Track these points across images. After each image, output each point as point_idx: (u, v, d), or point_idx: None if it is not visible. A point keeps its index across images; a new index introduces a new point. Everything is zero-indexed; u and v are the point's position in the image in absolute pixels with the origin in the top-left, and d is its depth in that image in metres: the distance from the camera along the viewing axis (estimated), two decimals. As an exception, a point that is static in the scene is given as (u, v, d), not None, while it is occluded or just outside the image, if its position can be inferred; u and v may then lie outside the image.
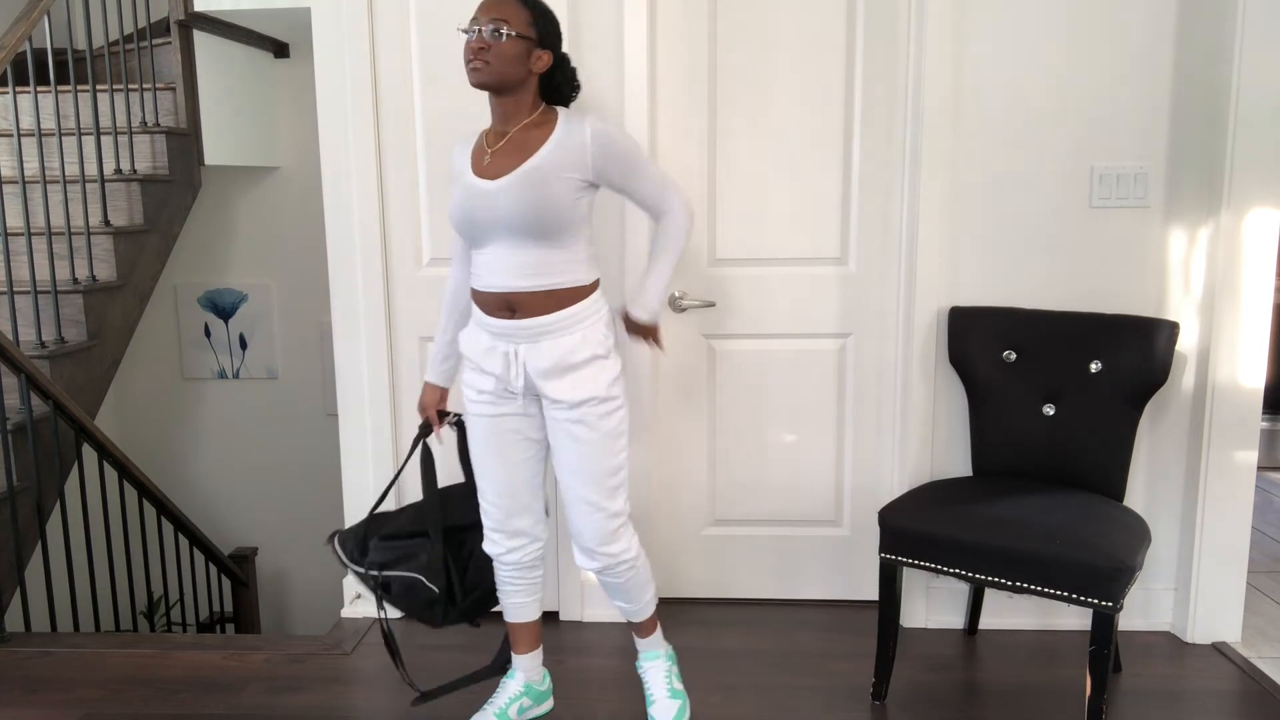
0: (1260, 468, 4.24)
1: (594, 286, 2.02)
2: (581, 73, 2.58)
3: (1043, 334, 2.45)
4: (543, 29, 1.93)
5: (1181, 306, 2.57)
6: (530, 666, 2.26)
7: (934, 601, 2.73)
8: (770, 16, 2.61)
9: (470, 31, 1.90)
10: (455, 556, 2.20)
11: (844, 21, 2.61)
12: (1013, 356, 2.47)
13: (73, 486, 3.50)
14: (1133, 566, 2.00)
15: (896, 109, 2.63)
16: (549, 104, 2.01)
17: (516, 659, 2.25)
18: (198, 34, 3.53)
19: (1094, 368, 2.37)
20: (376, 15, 2.59)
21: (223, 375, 4.30)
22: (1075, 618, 2.68)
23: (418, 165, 2.66)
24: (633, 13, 2.53)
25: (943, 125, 2.53)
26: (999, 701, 2.34)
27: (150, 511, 3.68)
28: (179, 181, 3.59)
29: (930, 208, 2.57)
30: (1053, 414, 2.41)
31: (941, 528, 2.17)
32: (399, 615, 2.28)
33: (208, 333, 4.27)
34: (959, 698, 2.36)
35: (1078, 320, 2.42)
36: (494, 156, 1.95)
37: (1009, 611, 2.72)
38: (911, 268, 2.62)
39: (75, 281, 3.16)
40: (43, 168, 3.04)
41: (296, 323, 4.25)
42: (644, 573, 2.14)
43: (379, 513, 2.27)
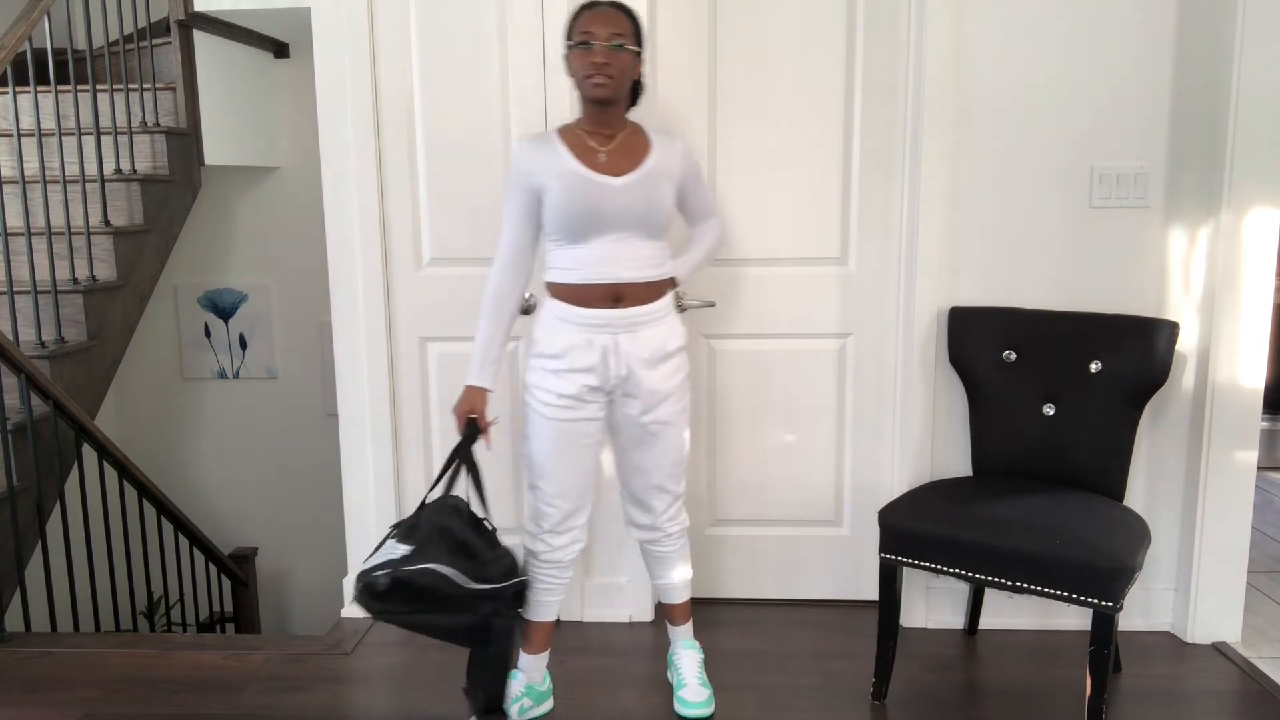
0: (1260, 468, 4.24)
1: (671, 282, 2.20)
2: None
3: (1043, 334, 2.45)
4: (642, 37, 2.08)
5: (1181, 306, 2.57)
6: (537, 667, 2.28)
7: (934, 601, 2.73)
8: (770, 16, 2.61)
9: (583, 45, 2.00)
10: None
11: (844, 22, 2.61)
12: (1013, 356, 2.47)
13: (73, 486, 3.50)
14: (1133, 566, 2.00)
15: (896, 109, 2.63)
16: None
17: (527, 659, 2.27)
18: (198, 34, 3.53)
19: (1094, 368, 2.37)
20: (376, 15, 2.59)
21: (223, 375, 4.30)
22: (1075, 618, 2.68)
23: (418, 165, 2.66)
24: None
25: (943, 125, 2.53)
26: (999, 701, 2.34)
27: (150, 511, 3.68)
28: (179, 181, 3.59)
29: (930, 208, 2.57)
30: (1053, 414, 2.41)
31: (941, 528, 2.17)
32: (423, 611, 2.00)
33: (208, 333, 4.27)
34: (959, 698, 2.36)
35: (1078, 320, 2.42)
36: (610, 156, 2.07)
37: (1009, 611, 2.72)
38: (911, 268, 2.62)
39: (75, 281, 3.16)
40: (43, 168, 3.04)
41: (296, 323, 4.25)
42: (688, 548, 2.34)
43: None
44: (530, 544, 2.20)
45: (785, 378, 2.78)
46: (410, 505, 2.80)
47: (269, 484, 4.36)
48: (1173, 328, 2.31)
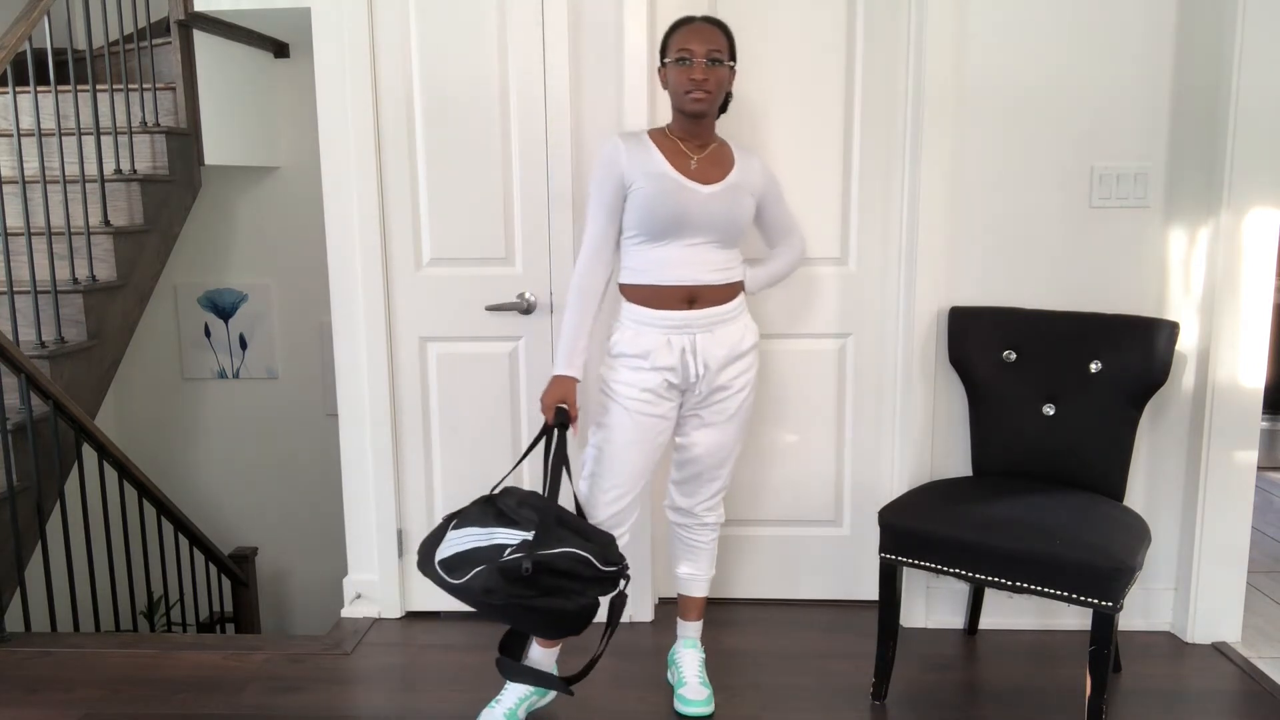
0: (1260, 468, 4.24)
1: (742, 285, 2.26)
2: (580, 67, 2.59)
3: (1043, 334, 2.45)
4: (735, 51, 2.14)
5: (1181, 306, 2.57)
6: (548, 663, 2.29)
7: (934, 601, 2.73)
8: (770, 15, 2.61)
9: (681, 61, 2.06)
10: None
11: (844, 21, 2.61)
12: (1013, 356, 2.47)
13: (73, 486, 3.50)
14: (1133, 566, 2.00)
15: (897, 109, 2.63)
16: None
17: (541, 653, 2.26)
18: (198, 34, 3.53)
19: (1094, 368, 2.37)
20: (376, 15, 2.59)
21: (223, 375, 4.30)
22: (1075, 618, 2.68)
23: (418, 165, 2.66)
24: (633, 12, 2.53)
25: (943, 125, 2.53)
26: (999, 701, 2.34)
27: (150, 511, 3.68)
28: (179, 181, 3.59)
29: (930, 208, 2.57)
30: (1053, 414, 2.41)
31: (941, 528, 2.17)
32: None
33: (208, 333, 4.27)
34: (959, 698, 2.36)
35: (1078, 320, 2.42)
36: (700, 164, 2.14)
37: (1009, 611, 2.72)
38: (911, 268, 2.62)
39: (75, 281, 3.16)
40: (43, 168, 3.04)
41: (296, 323, 4.25)
42: (717, 546, 2.41)
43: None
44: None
45: (785, 378, 2.78)
46: (410, 504, 2.81)
47: (269, 484, 4.36)
48: (1173, 328, 2.31)
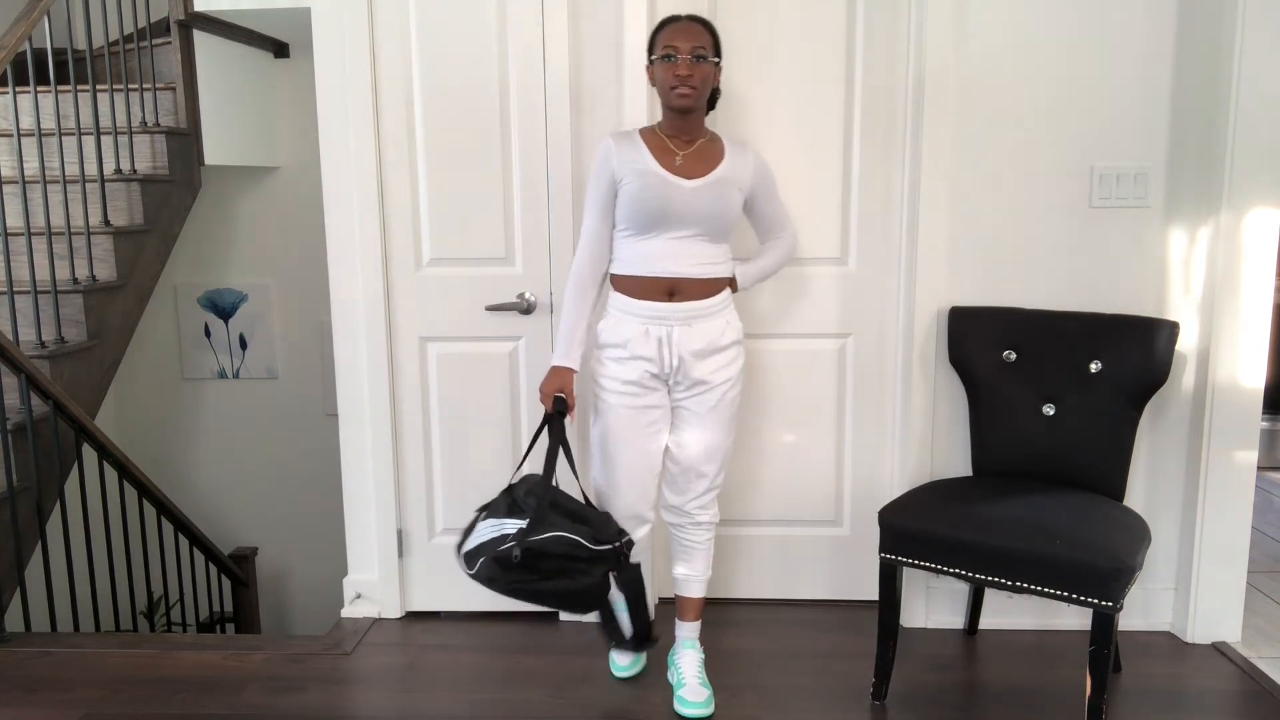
0: (1260, 468, 4.24)
1: (730, 281, 2.28)
2: (580, 67, 2.59)
3: (1043, 334, 2.45)
4: (720, 48, 2.20)
5: (1181, 306, 2.57)
6: None
7: (934, 601, 2.73)
8: (770, 15, 2.61)
9: (667, 58, 2.12)
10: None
11: (844, 21, 2.61)
12: (1013, 356, 2.47)
13: (73, 486, 3.49)
14: (1133, 566, 2.00)
15: (896, 109, 2.63)
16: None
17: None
18: (198, 34, 3.53)
19: (1094, 368, 2.37)
20: (376, 15, 2.59)
21: (223, 375, 4.30)
22: (1075, 618, 2.68)
23: (418, 165, 2.66)
24: (633, 12, 2.53)
25: (943, 125, 2.53)
26: (999, 701, 2.34)
27: (150, 511, 3.68)
28: (179, 181, 3.59)
29: (930, 208, 2.57)
30: (1053, 414, 2.41)
31: (941, 528, 2.17)
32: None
33: (208, 333, 4.27)
34: (959, 698, 2.36)
35: (1078, 320, 2.42)
36: (685, 160, 2.19)
37: (1009, 611, 2.72)
38: (911, 268, 2.62)
39: (75, 281, 3.16)
40: (43, 168, 3.04)
41: (296, 323, 4.25)
42: (713, 546, 2.41)
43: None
44: None
45: (785, 378, 2.78)
46: (410, 504, 2.81)
47: (269, 484, 4.36)
48: (1173, 328, 2.31)
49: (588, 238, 2.26)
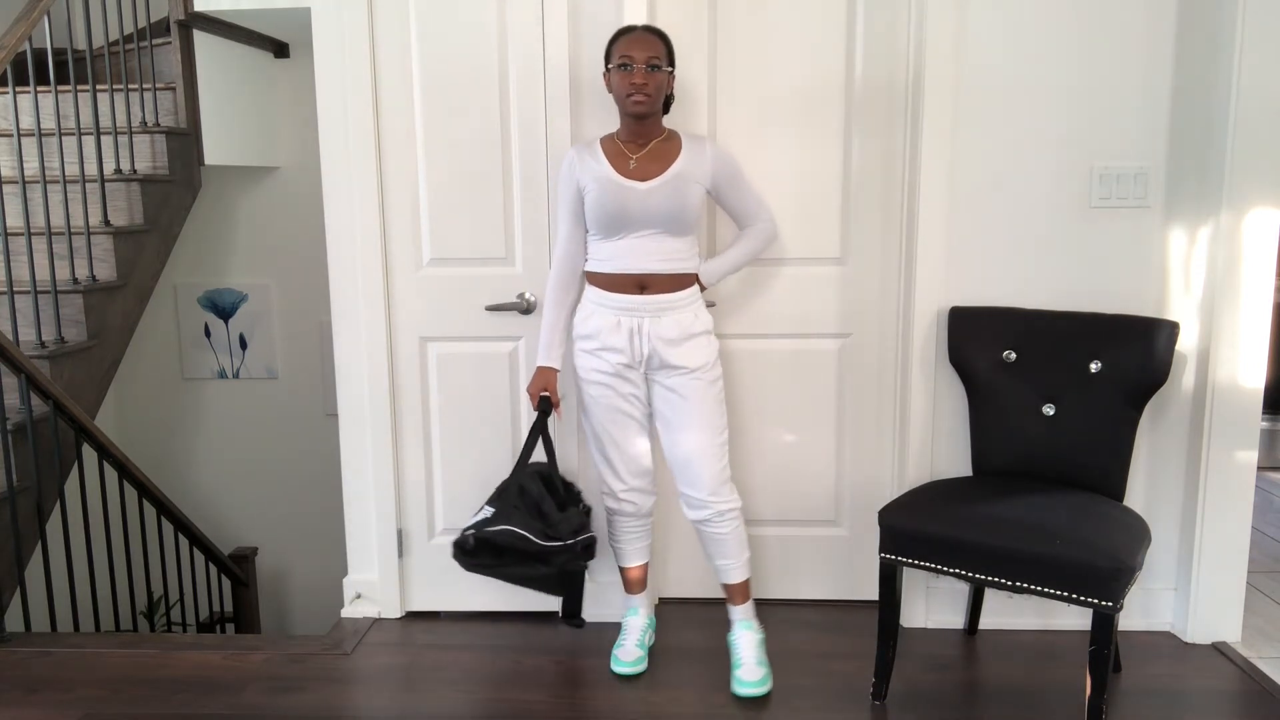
0: (1260, 468, 4.24)
1: (697, 275, 2.40)
2: (580, 67, 2.59)
3: (1043, 334, 2.45)
4: (673, 57, 2.31)
5: (1181, 306, 2.57)
6: (647, 603, 2.61)
7: (934, 601, 2.73)
8: (769, 15, 2.61)
9: (623, 67, 2.23)
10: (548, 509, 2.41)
11: (844, 21, 2.61)
12: (1012, 356, 2.47)
13: (73, 486, 3.49)
14: (1133, 566, 2.00)
15: (896, 109, 2.63)
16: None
17: (635, 599, 2.59)
18: (198, 34, 3.53)
19: (1094, 368, 2.37)
20: (376, 15, 2.59)
21: (223, 375, 4.30)
22: (1075, 618, 2.68)
23: (418, 165, 2.66)
24: (632, 12, 2.53)
25: (943, 125, 2.53)
26: (999, 701, 2.34)
27: (150, 511, 3.68)
28: (179, 181, 3.59)
29: (930, 207, 2.57)
30: (1053, 414, 2.41)
31: (941, 528, 2.17)
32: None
33: (208, 333, 4.27)
34: (959, 698, 2.36)
35: (1078, 320, 2.42)
36: (639, 163, 2.30)
37: (1009, 611, 2.72)
38: (911, 268, 2.62)
39: (75, 281, 3.16)
40: (43, 168, 3.04)
41: (296, 323, 4.25)
42: (744, 530, 2.45)
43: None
44: (609, 504, 2.50)
45: (785, 378, 2.78)
46: (410, 504, 2.81)
47: (269, 484, 4.36)
48: (1173, 328, 2.31)
49: (560, 243, 2.41)
